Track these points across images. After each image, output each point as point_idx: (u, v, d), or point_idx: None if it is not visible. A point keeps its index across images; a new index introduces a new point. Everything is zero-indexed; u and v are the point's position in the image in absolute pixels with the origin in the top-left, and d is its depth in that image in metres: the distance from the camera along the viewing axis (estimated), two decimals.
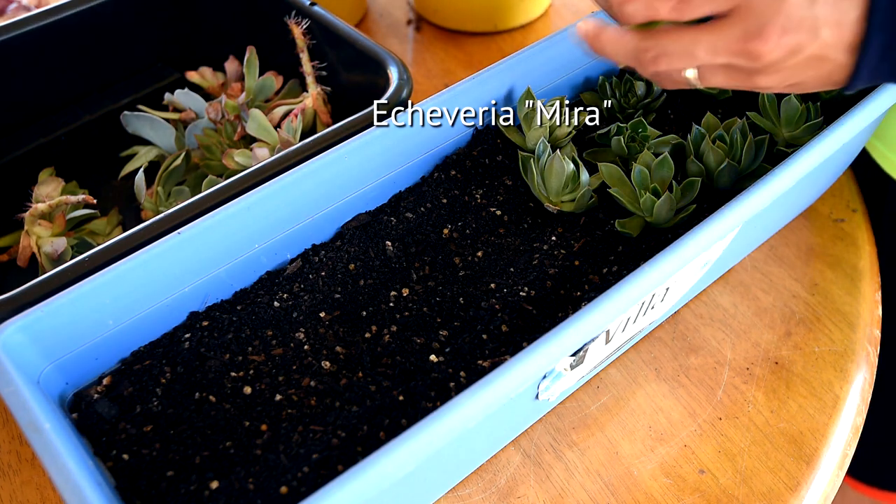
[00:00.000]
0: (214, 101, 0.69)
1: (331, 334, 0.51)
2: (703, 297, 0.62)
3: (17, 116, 0.73)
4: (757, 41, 0.38)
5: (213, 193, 0.53)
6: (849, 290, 0.62)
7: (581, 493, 0.51)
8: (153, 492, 0.43)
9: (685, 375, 0.57)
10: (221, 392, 0.48)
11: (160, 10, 0.78)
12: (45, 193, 0.66)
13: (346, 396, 0.47)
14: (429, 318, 0.52)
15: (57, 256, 0.60)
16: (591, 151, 0.61)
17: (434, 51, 0.89)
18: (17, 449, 0.55)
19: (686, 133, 0.61)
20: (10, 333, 0.44)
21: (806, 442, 0.54)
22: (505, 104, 0.63)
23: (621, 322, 0.50)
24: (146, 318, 0.50)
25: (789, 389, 0.56)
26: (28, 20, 0.69)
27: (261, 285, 0.54)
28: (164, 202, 0.65)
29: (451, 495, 0.51)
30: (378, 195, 0.58)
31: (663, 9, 0.40)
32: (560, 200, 0.57)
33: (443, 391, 0.47)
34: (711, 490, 0.51)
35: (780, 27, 0.38)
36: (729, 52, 0.40)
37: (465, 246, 0.56)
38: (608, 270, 0.54)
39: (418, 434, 0.38)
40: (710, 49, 0.40)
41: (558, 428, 0.55)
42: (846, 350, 0.58)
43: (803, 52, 0.39)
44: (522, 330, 0.50)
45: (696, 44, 0.40)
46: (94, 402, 0.47)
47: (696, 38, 0.40)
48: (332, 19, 0.68)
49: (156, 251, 0.48)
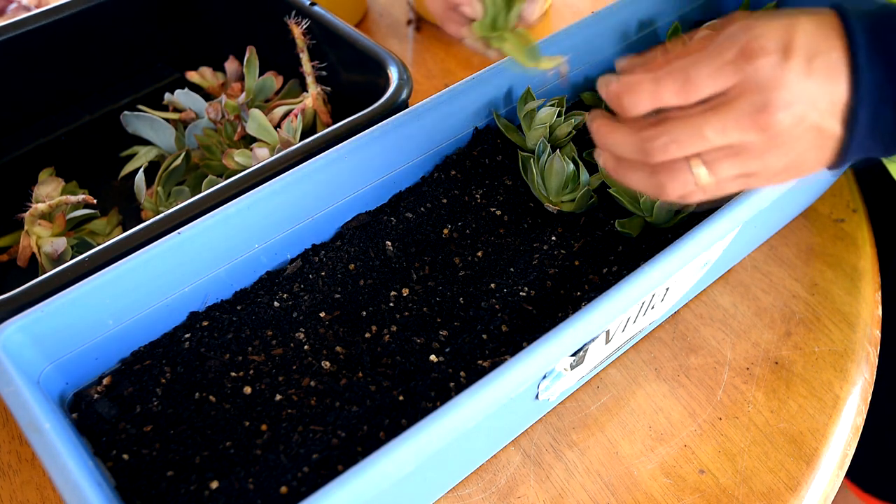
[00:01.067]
0: (214, 101, 0.69)
1: (331, 334, 0.51)
2: (703, 297, 0.62)
3: (17, 116, 0.73)
4: (765, 112, 0.40)
5: (213, 193, 0.53)
6: (849, 290, 0.62)
7: (581, 493, 0.51)
8: (153, 492, 0.43)
9: (685, 375, 0.57)
10: (221, 392, 0.48)
11: (160, 10, 0.78)
12: (45, 193, 0.66)
13: (346, 396, 0.47)
14: (429, 318, 0.52)
15: (57, 256, 0.60)
16: (591, 151, 0.61)
17: (434, 51, 0.89)
18: (17, 449, 0.55)
19: None
20: (10, 333, 0.44)
21: (806, 442, 0.54)
22: (505, 104, 0.63)
23: (621, 322, 0.50)
24: (146, 318, 0.50)
25: (789, 389, 0.56)
26: (28, 20, 0.69)
27: (261, 285, 0.54)
28: (164, 202, 0.65)
29: (451, 495, 0.51)
30: (378, 195, 0.58)
31: (667, 94, 0.41)
32: (560, 200, 0.57)
33: (443, 391, 0.47)
34: (711, 490, 0.51)
35: (783, 99, 0.40)
36: (739, 127, 0.40)
37: (465, 246, 0.56)
38: (608, 270, 0.54)
39: (418, 434, 0.38)
40: (719, 128, 0.41)
41: (558, 428, 0.55)
42: (846, 350, 0.58)
43: (806, 121, 0.41)
44: (522, 330, 0.50)
45: (704, 124, 0.41)
46: (94, 402, 0.47)
47: (704, 119, 0.41)
48: (332, 19, 0.68)
49: (156, 251, 0.48)
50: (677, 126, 0.41)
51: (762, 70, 0.40)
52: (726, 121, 0.40)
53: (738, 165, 0.42)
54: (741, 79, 0.40)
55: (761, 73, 0.40)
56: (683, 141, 0.41)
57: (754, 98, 0.40)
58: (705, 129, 0.41)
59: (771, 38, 0.40)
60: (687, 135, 0.41)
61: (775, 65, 0.40)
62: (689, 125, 0.41)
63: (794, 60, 0.40)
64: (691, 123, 0.41)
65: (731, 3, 0.74)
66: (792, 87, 0.40)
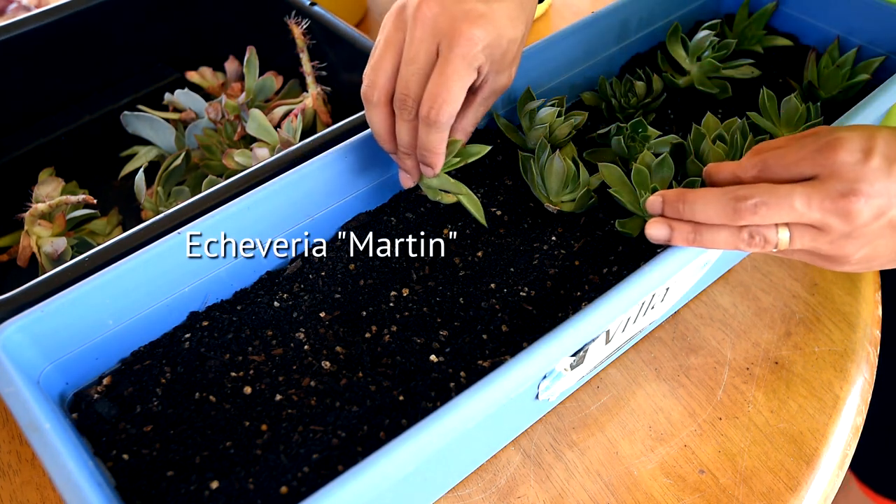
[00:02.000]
0: (214, 101, 0.69)
1: (331, 334, 0.51)
2: (703, 297, 0.62)
3: (17, 116, 0.73)
4: (850, 198, 0.42)
5: (213, 193, 0.53)
6: (849, 290, 0.62)
7: (581, 493, 0.51)
8: (153, 492, 0.43)
9: (685, 375, 0.57)
10: (221, 392, 0.48)
11: (160, 10, 0.78)
12: (45, 193, 0.66)
13: (346, 396, 0.47)
14: (429, 318, 0.52)
15: (57, 256, 0.60)
16: (591, 151, 0.61)
17: None
18: (17, 449, 0.55)
19: (686, 133, 0.61)
20: (10, 333, 0.44)
21: (806, 442, 0.54)
22: (505, 104, 0.63)
23: (621, 322, 0.50)
24: (146, 318, 0.50)
25: (789, 389, 0.56)
26: (28, 20, 0.69)
27: (261, 285, 0.54)
28: (164, 202, 0.65)
29: (451, 495, 0.51)
30: (378, 195, 0.58)
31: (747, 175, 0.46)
32: (560, 200, 0.57)
33: (443, 391, 0.47)
34: (711, 490, 0.51)
35: (865, 190, 0.42)
36: (822, 208, 0.43)
37: (465, 246, 0.56)
38: (608, 270, 0.54)
39: (418, 434, 0.38)
40: (805, 201, 0.43)
41: (558, 428, 0.55)
42: (846, 350, 0.58)
43: (885, 216, 0.43)
44: (522, 330, 0.50)
45: (792, 194, 0.43)
46: (94, 402, 0.47)
47: (792, 190, 0.43)
48: (332, 19, 0.68)
49: (156, 251, 0.48)
50: (768, 190, 0.44)
51: (844, 164, 0.43)
52: (812, 196, 0.43)
53: (814, 241, 0.44)
54: (821, 171, 0.43)
55: (843, 167, 0.43)
56: (772, 205, 0.43)
57: (839, 184, 0.43)
58: (792, 198, 0.43)
59: (853, 140, 0.43)
60: (776, 200, 0.43)
61: (857, 162, 0.43)
62: (779, 192, 0.43)
63: (875, 160, 0.43)
64: (781, 191, 0.43)
65: (730, 4, 0.75)
66: (874, 182, 0.42)
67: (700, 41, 0.67)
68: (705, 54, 0.67)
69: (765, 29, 0.72)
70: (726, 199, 0.44)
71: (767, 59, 0.70)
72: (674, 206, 0.46)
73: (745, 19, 0.71)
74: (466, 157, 0.54)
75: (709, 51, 0.67)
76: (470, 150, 0.55)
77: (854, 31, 0.67)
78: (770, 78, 0.68)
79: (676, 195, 0.46)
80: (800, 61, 0.69)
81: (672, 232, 0.46)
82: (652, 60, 0.70)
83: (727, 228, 0.45)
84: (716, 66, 0.66)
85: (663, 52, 0.70)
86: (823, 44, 0.69)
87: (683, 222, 0.46)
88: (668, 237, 0.46)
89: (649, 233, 0.47)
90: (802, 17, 0.70)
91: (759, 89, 0.62)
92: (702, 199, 0.45)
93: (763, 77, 0.68)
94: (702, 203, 0.45)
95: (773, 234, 0.44)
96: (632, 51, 0.71)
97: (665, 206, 0.47)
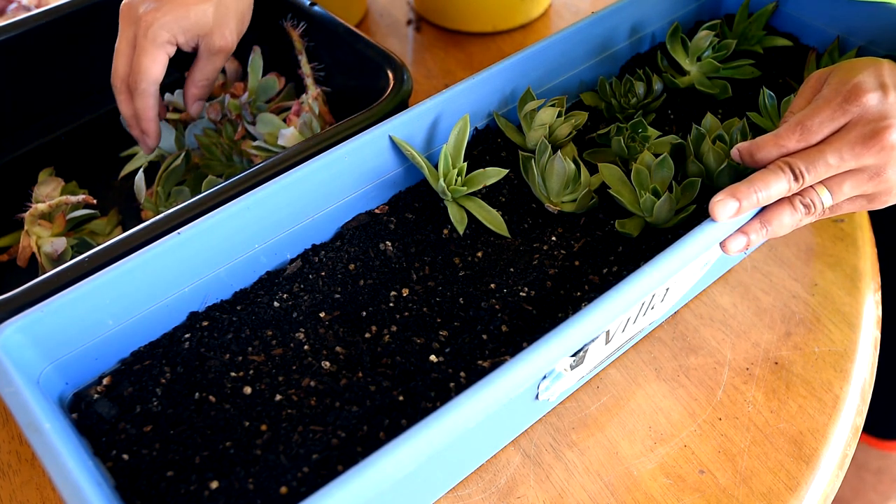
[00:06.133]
0: (215, 102, 0.69)
1: (331, 334, 0.51)
2: (703, 297, 0.62)
3: (17, 116, 0.73)
4: (876, 136, 0.47)
5: (213, 193, 0.53)
6: (849, 290, 0.62)
7: (581, 494, 0.51)
8: (153, 492, 0.43)
9: (685, 375, 0.57)
10: (221, 392, 0.48)
11: None
12: (45, 193, 0.66)
13: (346, 396, 0.47)
14: (429, 318, 0.52)
15: (57, 256, 0.60)
16: (591, 151, 0.61)
17: (434, 51, 0.89)
18: (17, 449, 0.55)
19: (686, 133, 0.61)
20: (10, 333, 0.44)
21: (806, 442, 0.54)
22: (505, 104, 0.63)
23: (621, 322, 0.50)
24: (146, 318, 0.50)
25: (789, 389, 0.56)
26: (28, 20, 0.69)
27: (261, 285, 0.54)
28: (164, 202, 0.65)
29: (451, 495, 0.51)
30: (378, 195, 0.58)
31: (791, 143, 0.49)
32: (560, 201, 0.57)
33: (443, 391, 0.47)
34: (711, 490, 0.51)
35: (890, 125, 0.48)
36: (854, 153, 0.48)
37: (465, 246, 0.56)
38: (608, 270, 0.54)
39: (418, 434, 0.38)
40: (836, 155, 0.48)
41: (558, 428, 0.55)
42: (846, 350, 0.58)
43: None
44: (522, 330, 0.50)
45: (826, 149, 0.48)
46: (94, 402, 0.47)
47: (824, 147, 0.48)
48: (332, 20, 0.68)
49: (156, 251, 0.48)
50: (803, 156, 0.49)
51: (871, 106, 0.48)
52: (842, 148, 0.48)
53: (856, 186, 0.49)
54: (850, 118, 0.49)
55: (870, 109, 0.48)
56: (811, 169, 0.48)
57: (864, 128, 0.48)
58: (827, 155, 0.48)
59: (868, 81, 0.49)
60: (811, 161, 0.48)
61: (879, 100, 0.49)
62: (812, 154, 0.48)
63: (893, 94, 0.49)
64: (814, 152, 0.49)
65: (730, 4, 0.75)
66: None
67: (700, 41, 0.67)
68: (705, 55, 0.67)
69: (765, 29, 0.72)
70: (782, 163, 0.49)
71: (767, 59, 0.70)
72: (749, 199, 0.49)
73: (745, 20, 0.71)
74: (472, 185, 0.57)
75: (709, 51, 0.67)
76: (475, 177, 0.58)
77: (854, 31, 0.67)
78: (770, 78, 0.68)
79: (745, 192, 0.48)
80: (800, 61, 0.69)
81: (748, 237, 0.50)
82: (652, 61, 0.70)
83: (786, 207, 0.49)
84: (716, 66, 0.66)
85: (663, 52, 0.70)
86: (823, 44, 0.69)
87: (752, 221, 0.50)
88: (745, 244, 0.50)
89: (730, 247, 0.50)
90: (802, 17, 0.71)
91: (759, 89, 0.62)
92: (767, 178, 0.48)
93: (763, 77, 0.68)
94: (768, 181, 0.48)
95: (817, 197, 0.49)
96: (632, 51, 0.71)
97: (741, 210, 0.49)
